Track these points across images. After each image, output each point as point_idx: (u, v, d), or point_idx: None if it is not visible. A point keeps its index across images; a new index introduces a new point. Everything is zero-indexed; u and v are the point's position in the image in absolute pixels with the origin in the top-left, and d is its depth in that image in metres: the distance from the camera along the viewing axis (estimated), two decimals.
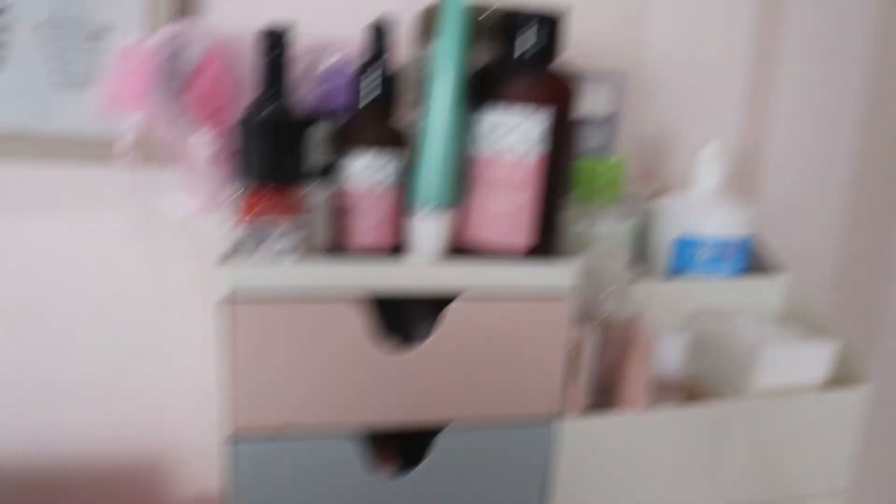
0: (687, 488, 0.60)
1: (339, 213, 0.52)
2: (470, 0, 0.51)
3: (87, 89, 0.72)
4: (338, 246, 0.53)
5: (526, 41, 0.49)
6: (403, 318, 0.53)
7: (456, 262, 0.50)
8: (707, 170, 0.72)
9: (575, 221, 0.68)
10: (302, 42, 0.66)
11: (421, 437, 0.53)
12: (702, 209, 0.71)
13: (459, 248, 0.52)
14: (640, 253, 0.77)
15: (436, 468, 0.52)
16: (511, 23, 0.49)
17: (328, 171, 0.52)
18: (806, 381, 0.64)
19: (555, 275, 0.51)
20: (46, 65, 0.71)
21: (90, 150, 0.73)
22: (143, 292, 0.78)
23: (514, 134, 0.48)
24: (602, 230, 0.67)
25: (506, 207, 0.50)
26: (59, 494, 0.81)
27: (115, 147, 0.67)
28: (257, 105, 0.57)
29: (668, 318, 0.69)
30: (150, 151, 0.69)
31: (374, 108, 0.52)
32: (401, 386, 0.50)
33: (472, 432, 0.52)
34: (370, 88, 0.52)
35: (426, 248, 0.50)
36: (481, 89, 0.50)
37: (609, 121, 0.80)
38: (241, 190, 0.48)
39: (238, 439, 0.48)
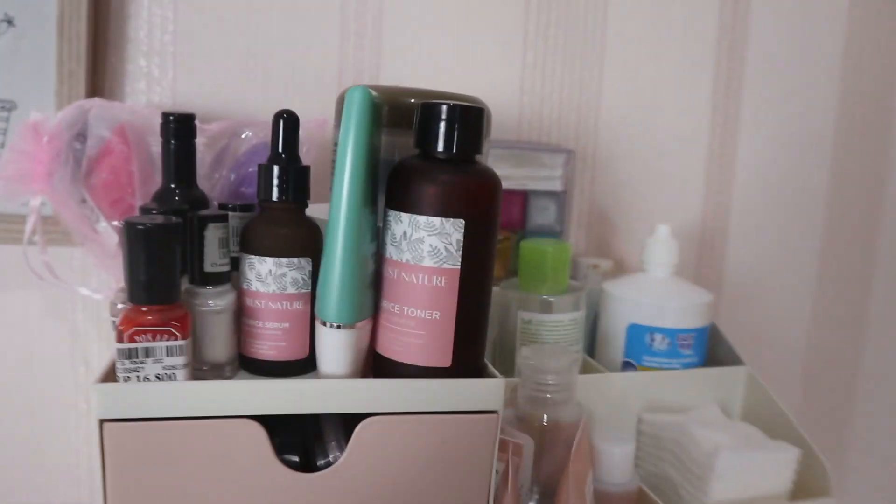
0: None
1: (240, 323, 0.47)
2: (384, 90, 0.47)
3: None
4: (238, 358, 0.48)
5: (443, 137, 0.44)
6: (309, 437, 0.48)
7: (373, 381, 0.45)
8: (659, 253, 0.68)
9: (519, 310, 0.63)
10: (219, 124, 0.61)
11: None
12: (655, 296, 0.67)
13: (372, 363, 0.47)
14: (590, 341, 0.72)
15: None
16: (423, 117, 0.45)
17: (226, 277, 0.47)
18: (766, 492, 0.59)
19: (478, 392, 0.46)
20: None
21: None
22: (57, 372, 0.72)
23: (429, 242, 0.44)
24: (548, 320, 0.63)
25: (423, 323, 0.45)
26: None
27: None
28: (160, 196, 0.53)
29: (619, 414, 0.64)
30: (63, 231, 0.64)
31: (284, 209, 0.47)
32: None
33: None
34: (276, 185, 0.47)
35: (332, 365, 0.45)
36: (395, 193, 0.45)
37: (558, 198, 0.76)
38: (121, 304, 0.43)
39: None
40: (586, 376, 0.62)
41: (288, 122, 0.47)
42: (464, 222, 0.44)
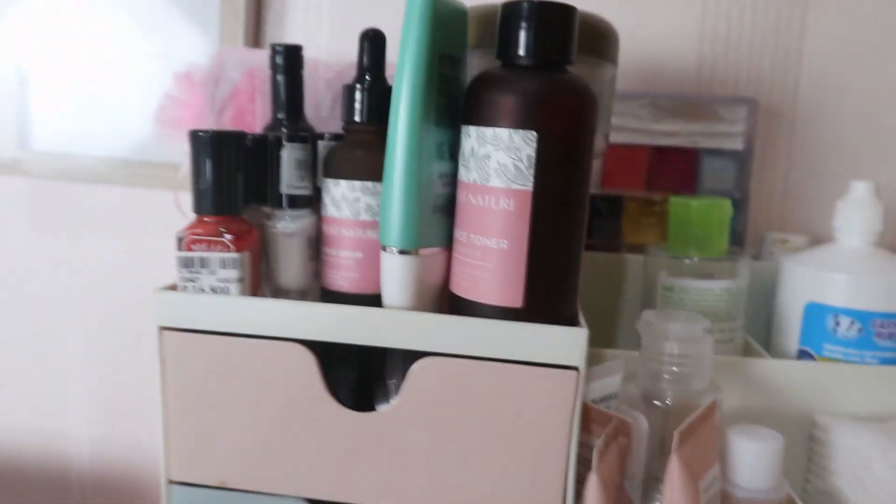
0: None
1: (315, 250, 0.45)
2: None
3: None
4: (310, 288, 0.46)
5: (520, 41, 0.38)
6: (366, 376, 0.44)
7: (425, 316, 0.40)
8: (855, 217, 0.54)
9: (659, 275, 0.54)
10: (339, 67, 0.60)
11: None
12: (844, 269, 0.53)
13: (441, 300, 0.42)
14: (764, 327, 0.59)
15: None
16: (504, 19, 0.39)
17: (305, 201, 0.45)
18: None
19: (550, 341, 0.39)
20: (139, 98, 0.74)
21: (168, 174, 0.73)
22: None
23: (496, 158, 0.38)
24: (692, 286, 0.53)
25: (492, 254, 0.39)
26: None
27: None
28: (267, 127, 0.53)
29: (782, 413, 0.51)
30: None
31: (365, 131, 0.44)
32: (358, 456, 0.41)
33: None
34: (359, 108, 0.44)
35: (392, 296, 0.41)
36: (465, 105, 0.40)
37: (738, 158, 0.64)
38: (192, 215, 0.43)
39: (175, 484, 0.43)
40: (739, 360, 0.50)
41: (374, 40, 0.44)
42: (536, 135, 0.37)
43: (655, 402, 0.46)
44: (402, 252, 0.40)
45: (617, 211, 0.64)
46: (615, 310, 0.61)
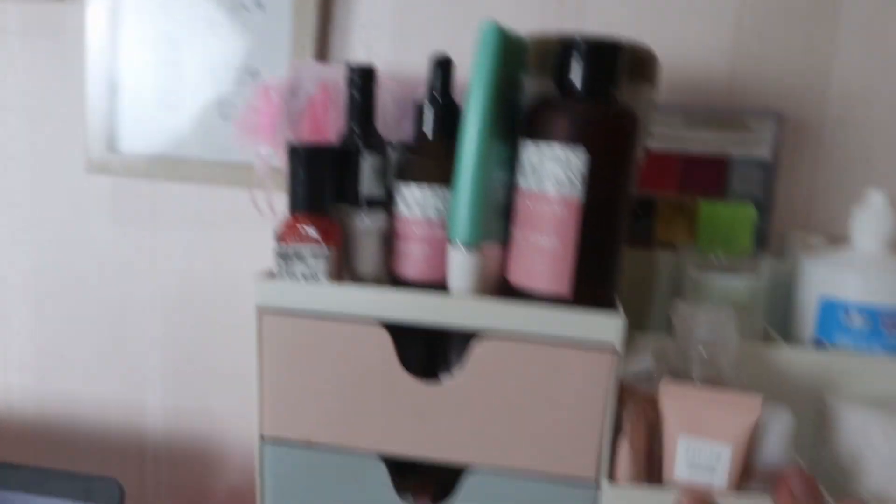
0: None
1: (388, 244, 0.53)
2: (521, 32, 0.48)
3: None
4: (384, 276, 0.53)
5: (574, 71, 0.45)
6: (433, 352, 0.51)
7: (485, 301, 0.47)
8: (869, 222, 0.60)
9: (690, 271, 0.61)
10: (404, 81, 0.68)
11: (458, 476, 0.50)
12: (856, 266, 0.59)
13: (497, 288, 0.49)
14: (783, 318, 0.65)
15: None
16: (561, 52, 0.46)
17: (379, 202, 0.52)
18: None
19: (591, 324, 0.45)
20: (218, 101, 0.81)
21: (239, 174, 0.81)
22: None
23: (555, 172, 0.45)
24: (718, 283, 0.59)
25: (544, 250, 0.46)
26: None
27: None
28: (342, 137, 0.60)
29: (795, 397, 0.57)
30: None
31: (433, 143, 0.52)
32: (425, 419, 0.48)
33: (500, 480, 0.48)
34: (429, 123, 0.51)
35: (457, 284, 0.48)
36: (525, 123, 0.47)
37: (765, 167, 0.70)
38: (287, 214, 0.50)
39: (267, 442, 0.50)
40: (759, 348, 0.57)
41: (444, 66, 0.52)
42: (585, 150, 0.44)
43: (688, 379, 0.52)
44: (467, 247, 0.47)
45: (650, 211, 0.71)
46: (648, 301, 0.68)
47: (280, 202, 0.76)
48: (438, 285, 0.51)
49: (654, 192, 0.71)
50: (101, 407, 0.92)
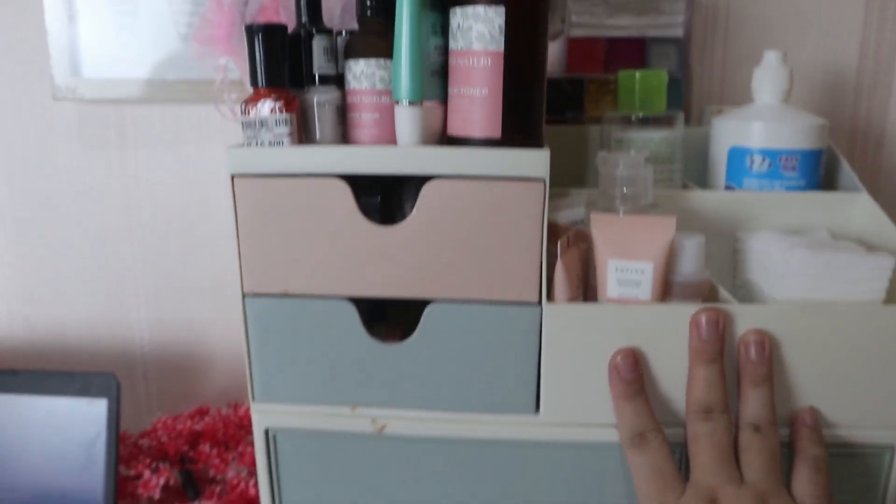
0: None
1: (342, 116, 0.59)
2: None
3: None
4: (340, 140, 0.60)
5: None
6: (389, 200, 0.58)
7: (430, 148, 0.54)
8: (767, 80, 0.68)
9: (613, 132, 0.68)
10: None
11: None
12: (757, 118, 0.67)
13: (439, 142, 0.56)
14: (701, 176, 0.74)
15: (426, 339, 0.56)
16: None
17: (332, 79, 0.59)
18: (857, 297, 0.58)
19: (522, 160, 0.53)
20: (174, 21, 0.86)
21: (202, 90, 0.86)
22: None
23: (476, 28, 0.51)
24: (637, 137, 0.67)
25: (475, 100, 0.53)
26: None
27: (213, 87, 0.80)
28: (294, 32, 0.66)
29: (712, 237, 0.66)
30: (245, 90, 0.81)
31: (374, 21, 0.58)
32: (385, 260, 0.55)
33: (456, 308, 0.56)
34: (367, 5, 0.58)
35: (405, 138, 0.55)
36: None
37: (678, 44, 0.78)
38: (249, 90, 0.56)
39: (249, 297, 0.57)
40: (676, 192, 0.65)
41: None
42: (504, 9, 0.51)
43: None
44: (410, 103, 0.54)
45: (580, 91, 0.78)
46: (582, 172, 0.76)
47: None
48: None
49: (583, 73, 0.79)
50: (89, 325, 0.97)
